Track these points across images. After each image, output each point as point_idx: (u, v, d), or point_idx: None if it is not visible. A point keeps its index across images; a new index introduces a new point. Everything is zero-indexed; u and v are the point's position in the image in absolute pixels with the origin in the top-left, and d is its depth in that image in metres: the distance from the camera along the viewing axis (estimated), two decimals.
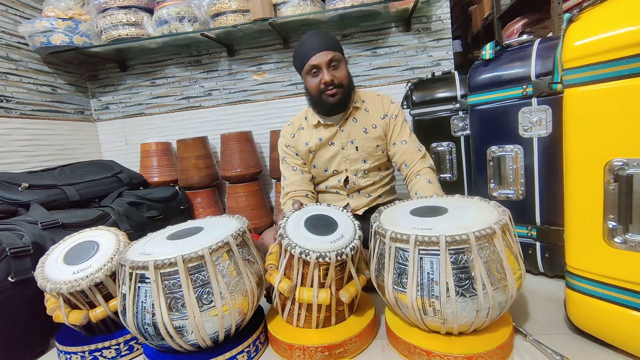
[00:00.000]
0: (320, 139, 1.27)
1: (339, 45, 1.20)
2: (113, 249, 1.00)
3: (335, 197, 1.34)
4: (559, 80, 0.82)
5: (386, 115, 1.27)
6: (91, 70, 2.32)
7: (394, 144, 1.27)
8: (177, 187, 1.98)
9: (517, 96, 1.13)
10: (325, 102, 1.19)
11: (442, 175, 1.61)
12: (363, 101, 1.28)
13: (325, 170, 1.31)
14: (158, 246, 0.87)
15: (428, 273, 0.76)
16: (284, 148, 1.33)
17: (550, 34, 1.73)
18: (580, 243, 0.81)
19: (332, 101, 1.18)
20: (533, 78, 1.10)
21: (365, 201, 1.33)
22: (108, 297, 0.96)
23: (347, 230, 0.91)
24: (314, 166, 1.31)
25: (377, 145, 1.27)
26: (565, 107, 0.80)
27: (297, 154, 1.32)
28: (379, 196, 1.34)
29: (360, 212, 1.32)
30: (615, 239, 0.74)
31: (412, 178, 1.22)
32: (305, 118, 1.32)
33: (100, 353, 0.95)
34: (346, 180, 1.30)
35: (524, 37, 1.19)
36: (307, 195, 1.29)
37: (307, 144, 1.28)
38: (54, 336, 1.04)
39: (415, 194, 1.15)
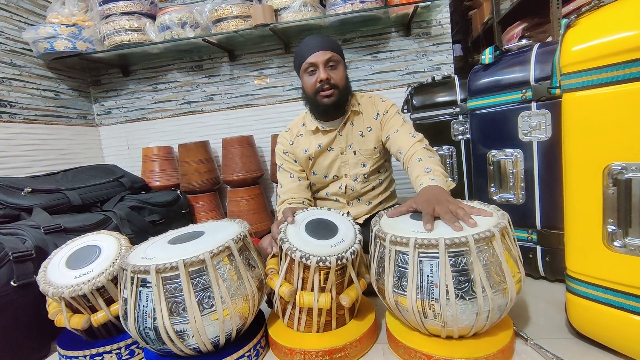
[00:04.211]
0: (319, 146, 1.26)
1: (338, 48, 1.20)
2: (115, 253, 1.01)
3: (336, 204, 1.33)
4: (558, 85, 0.83)
5: (378, 114, 1.25)
6: (94, 75, 2.34)
7: (387, 137, 1.23)
8: (178, 191, 1.99)
9: (517, 100, 1.14)
10: (319, 103, 1.18)
11: None
12: (359, 104, 1.27)
13: (325, 176, 1.30)
14: (159, 250, 0.88)
15: (428, 276, 0.76)
16: (282, 155, 1.32)
17: (549, 39, 1.74)
18: (580, 247, 0.81)
19: (326, 102, 1.17)
20: (532, 82, 1.10)
21: (366, 209, 1.32)
22: (109, 301, 0.96)
23: (347, 235, 0.92)
24: (314, 173, 1.30)
25: (375, 148, 1.25)
26: (564, 112, 0.80)
27: (295, 161, 1.30)
28: (380, 203, 1.34)
29: (360, 221, 1.30)
30: (615, 243, 0.75)
31: (409, 164, 1.12)
32: (303, 124, 1.30)
33: (101, 357, 0.95)
34: (346, 187, 1.29)
35: (524, 41, 1.20)
36: (303, 202, 1.26)
37: (306, 150, 1.27)
38: (56, 340, 1.04)
39: (421, 185, 0.98)
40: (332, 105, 1.18)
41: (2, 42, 1.77)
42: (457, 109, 1.51)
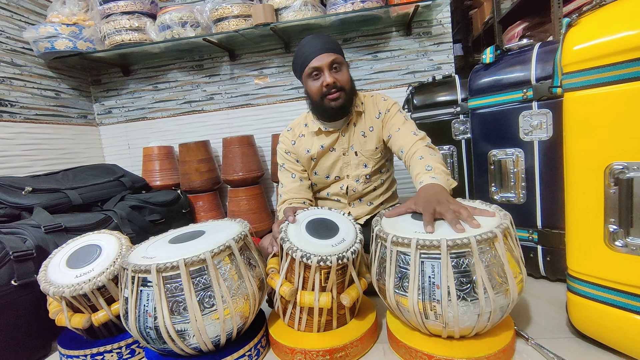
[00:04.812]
0: (322, 146, 1.25)
1: (340, 48, 1.18)
2: (115, 252, 1.01)
3: (337, 204, 1.33)
4: (559, 84, 0.82)
5: (380, 113, 1.24)
6: (94, 75, 2.34)
7: (389, 135, 1.22)
8: (179, 191, 1.99)
9: (518, 100, 1.14)
10: (326, 107, 1.16)
11: None
12: (362, 103, 1.26)
13: (327, 177, 1.29)
14: (160, 250, 0.88)
15: (429, 277, 0.76)
16: (284, 154, 1.31)
17: (550, 38, 1.74)
18: (582, 246, 0.81)
19: (333, 105, 1.15)
20: (533, 82, 1.10)
21: (367, 209, 1.32)
22: (110, 300, 0.96)
23: (348, 234, 0.92)
24: (315, 173, 1.30)
25: (376, 148, 1.25)
26: (565, 111, 0.80)
27: (297, 160, 1.30)
28: (381, 203, 1.33)
29: (361, 221, 1.30)
30: (616, 243, 0.74)
31: (410, 162, 1.11)
32: (305, 125, 1.29)
33: (102, 357, 0.95)
34: (347, 188, 1.29)
35: (524, 41, 1.20)
36: (304, 202, 1.26)
37: (308, 151, 1.27)
38: (57, 340, 1.04)
39: (421, 183, 0.98)
40: (339, 108, 1.17)
41: (2, 41, 1.77)
42: (458, 109, 1.51)
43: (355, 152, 1.26)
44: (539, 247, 1.17)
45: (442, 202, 0.85)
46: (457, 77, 1.57)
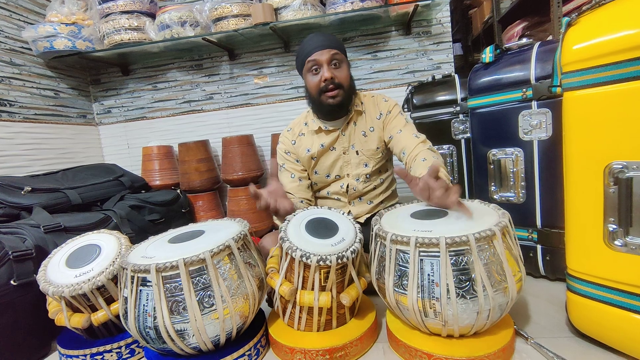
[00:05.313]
0: (322, 145, 1.25)
1: (341, 46, 1.18)
2: (115, 252, 1.01)
3: (337, 203, 1.33)
4: (559, 84, 0.82)
5: (381, 114, 1.24)
6: (94, 74, 2.34)
7: (390, 137, 1.22)
8: (178, 191, 1.99)
9: (517, 99, 1.14)
10: (324, 103, 1.16)
11: None
12: (362, 103, 1.26)
13: (327, 176, 1.29)
14: (160, 249, 0.88)
15: (428, 275, 0.76)
16: (284, 155, 1.31)
17: (550, 37, 1.74)
18: (581, 246, 0.81)
19: (331, 102, 1.15)
20: (533, 81, 1.10)
21: (367, 208, 1.32)
22: (110, 300, 0.96)
23: (347, 234, 0.91)
24: (316, 172, 1.30)
25: (377, 148, 1.25)
26: (565, 110, 0.80)
27: (297, 160, 1.30)
28: (381, 202, 1.33)
29: (361, 220, 1.30)
30: (616, 242, 0.74)
31: (412, 164, 1.11)
32: (306, 124, 1.29)
33: (101, 356, 0.95)
34: (347, 187, 1.29)
35: (524, 40, 1.20)
36: (302, 201, 1.27)
37: (308, 150, 1.27)
38: (56, 339, 1.04)
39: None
40: (336, 106, 1.16)
41: (1, 40, 1.76)
42: (458, 108, 1.51)
43: (357, 152, 1.26)
44: (539, 247, 1.17)
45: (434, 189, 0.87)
46: (456, 76, 1.56)
